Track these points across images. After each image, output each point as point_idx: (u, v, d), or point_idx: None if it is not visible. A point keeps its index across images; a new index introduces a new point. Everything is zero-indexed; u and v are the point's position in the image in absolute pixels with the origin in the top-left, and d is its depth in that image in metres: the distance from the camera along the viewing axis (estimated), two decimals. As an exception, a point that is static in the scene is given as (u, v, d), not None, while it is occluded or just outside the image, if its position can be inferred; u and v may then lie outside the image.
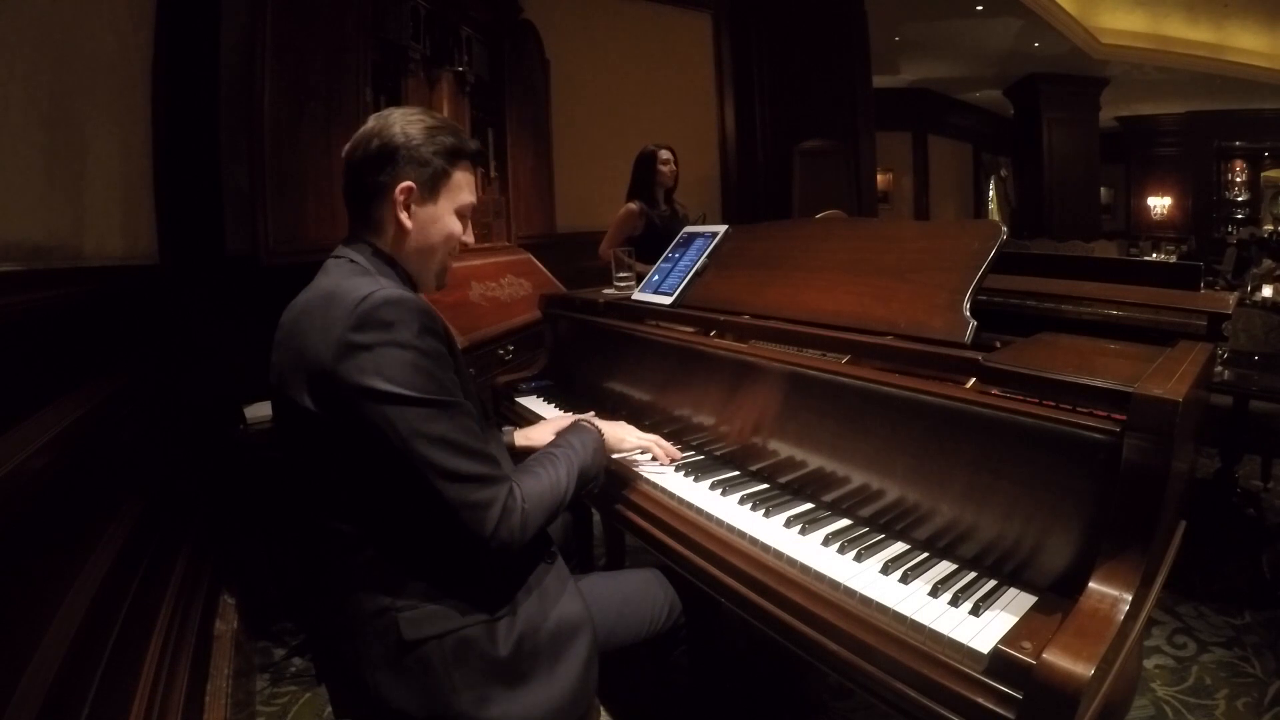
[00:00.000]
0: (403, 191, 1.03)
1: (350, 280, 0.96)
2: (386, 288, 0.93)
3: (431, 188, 1.06)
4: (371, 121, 1.06)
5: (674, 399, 1.53)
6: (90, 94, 1.64)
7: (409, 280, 1.09)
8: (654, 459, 1.37)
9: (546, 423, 1.51)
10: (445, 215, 1.08)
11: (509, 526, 0.94)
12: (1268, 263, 6.78)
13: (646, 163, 3.16)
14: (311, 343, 0.91)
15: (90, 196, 1.60)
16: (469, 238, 1.13)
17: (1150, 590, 0.87)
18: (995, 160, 12.50)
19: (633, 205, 3.12)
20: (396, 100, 2.92)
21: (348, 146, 1.06)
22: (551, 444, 1.20)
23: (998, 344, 1.07)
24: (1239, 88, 9.48)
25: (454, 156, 1.07)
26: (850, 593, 0.92)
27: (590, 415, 1.54)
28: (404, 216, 1.04)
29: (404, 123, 1.04)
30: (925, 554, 1.00)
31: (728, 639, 1.62)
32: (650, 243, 2.71)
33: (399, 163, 1.02)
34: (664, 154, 3.16)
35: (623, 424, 1.41)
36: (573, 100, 4.64)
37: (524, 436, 1.42)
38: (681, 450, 1.44)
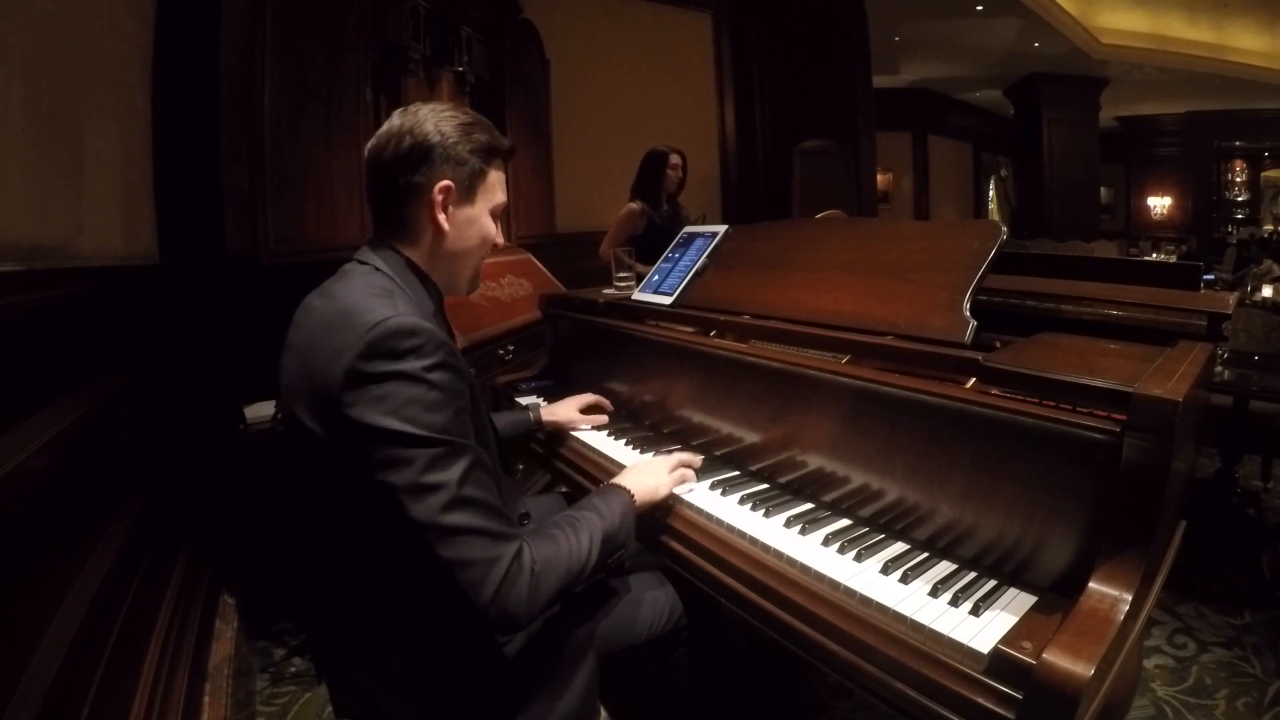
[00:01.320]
0: (441, 191, 0.97)
1: (368, 300, 0.89)
2: (403, 314, 0.86)
3: (469, 188, 1.00)
4: (398, 119, 0.98)
5: (674, 399, 1.53)
6: (90, 94, 1.65)
7: (437, 292, 1.04)
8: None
9: (571, 400, 1.52)
10: (482, 216, 1.03)
11: (514, 592, 0.83)
12: (1268, 262, 6.78)
13: (656, 163, 3.14)
14: (320, 362, 0.86)
15: (90, 197, 1.60)
16: (500, 239, 1.08)
17: (1150, 590, 0.86)
18: (995, 160, 12.50)
19: (634, 205, 3.11)
20: (397, 100, 2.92)
21: (372, 145, 0.98)
22: (575, 506, 1.07)
23: (998, 344, 1.07)
24: (1239, 88, 9.48)
25: (489, 155, 1.02)
26: (850, 593, 0.92)
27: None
28: (442, 218, 0.98)
29: (436, 120, 0.97)
30: (925, 554, 1.00)
31: (728, 639, 1.62)
32: (651, 243, 2.71)
33: (435, 162, 0.96)
34: (674, 159, 3.14)
35: (649, 465, 1.23)
36: (573, 100, 4.64)
37: (549, 413, 1.41)
38: (681, 450, 1.44)
